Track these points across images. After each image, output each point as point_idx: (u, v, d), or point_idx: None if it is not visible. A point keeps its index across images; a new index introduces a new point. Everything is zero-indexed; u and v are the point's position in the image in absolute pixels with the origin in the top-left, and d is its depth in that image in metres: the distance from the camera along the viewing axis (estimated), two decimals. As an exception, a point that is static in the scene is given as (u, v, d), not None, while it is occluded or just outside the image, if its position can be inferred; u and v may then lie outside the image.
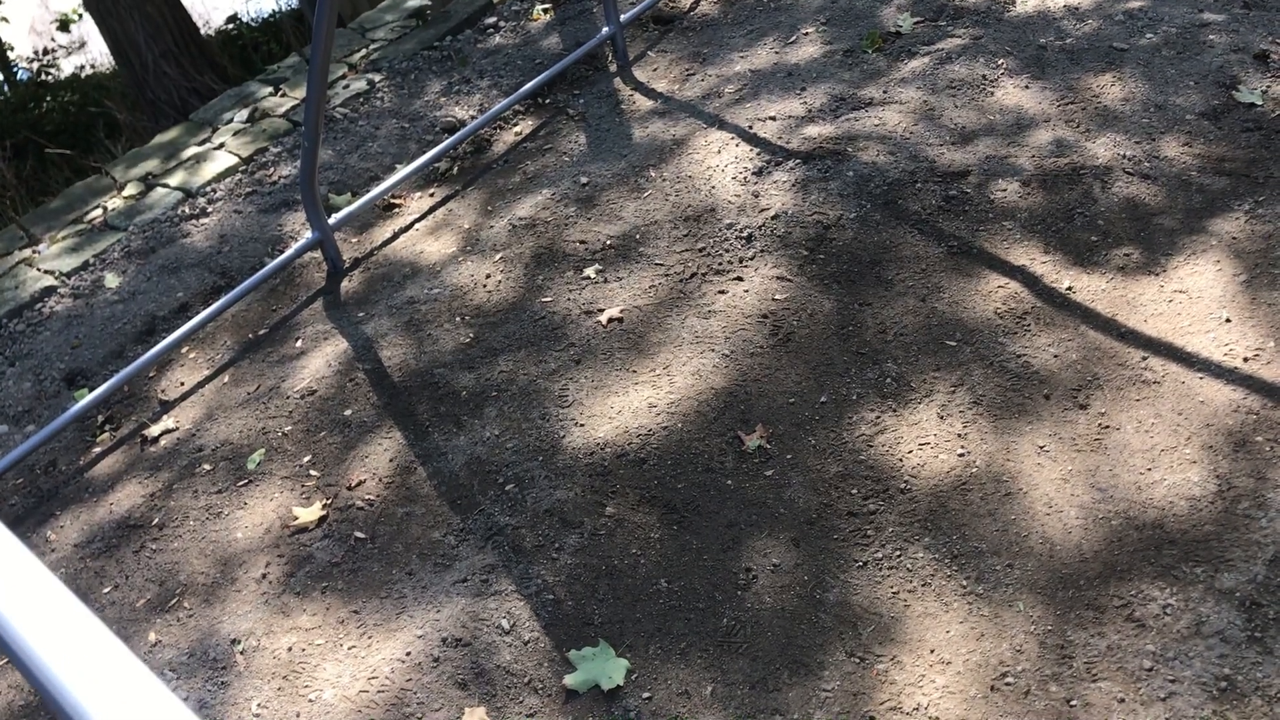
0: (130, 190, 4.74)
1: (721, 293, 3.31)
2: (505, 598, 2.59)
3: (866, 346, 3.02)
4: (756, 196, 3.62)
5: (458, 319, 3.48)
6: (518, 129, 4.45)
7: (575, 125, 4.35)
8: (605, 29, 4.58)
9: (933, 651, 2.30)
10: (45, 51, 12.02)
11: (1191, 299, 2.91)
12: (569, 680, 2.38)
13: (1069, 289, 3.04)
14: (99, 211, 4.66)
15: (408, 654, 2.51)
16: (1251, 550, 2.31)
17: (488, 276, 3.62)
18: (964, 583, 2.40)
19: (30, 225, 4.69)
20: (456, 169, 4.29)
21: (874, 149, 3.68)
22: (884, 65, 4.16)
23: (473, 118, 4.63)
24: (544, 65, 4.87)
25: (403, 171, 4.09)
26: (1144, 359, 2.79)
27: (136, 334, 3.86)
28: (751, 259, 3.39)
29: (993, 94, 3.85)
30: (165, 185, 4.69)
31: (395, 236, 3.98)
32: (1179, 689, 2.12)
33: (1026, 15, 4.24)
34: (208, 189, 4.59)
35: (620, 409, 3.02)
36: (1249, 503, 2.40)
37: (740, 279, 3.33)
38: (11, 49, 13.02)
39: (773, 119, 3.99)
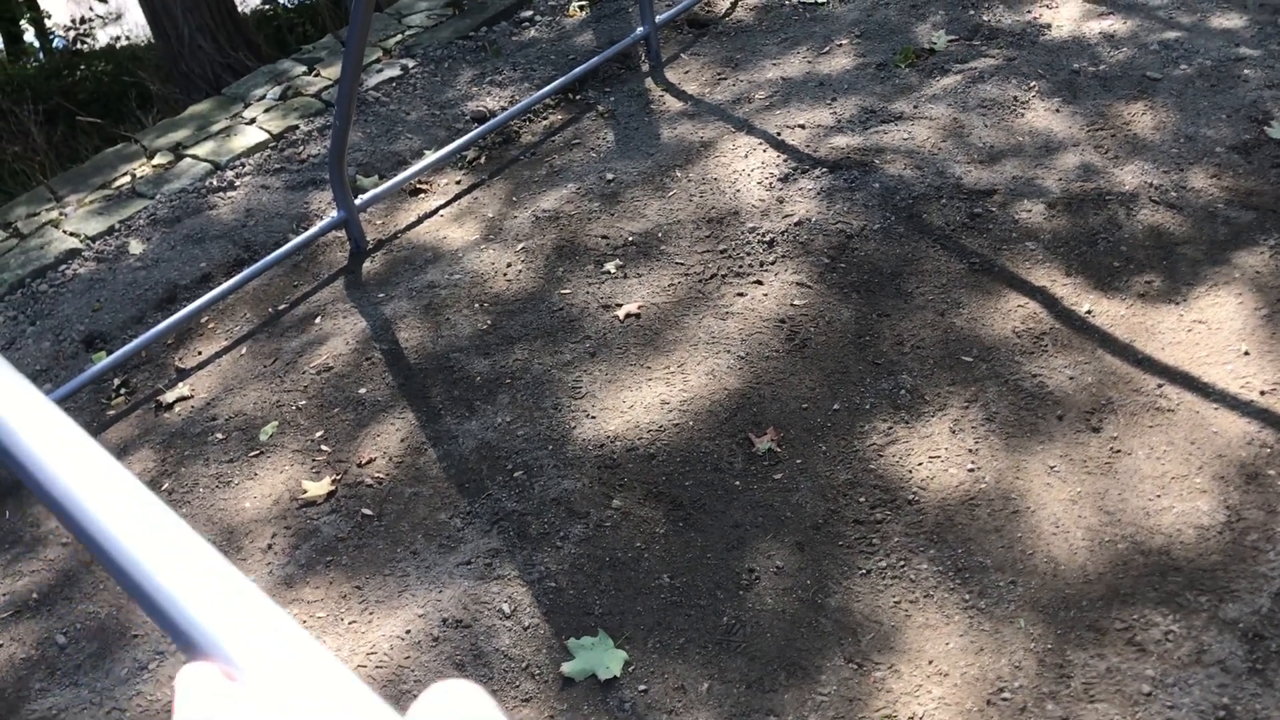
0: (159, 159, 4.77)
1: (740, 295, 3.31)
2: (508, 582, 2.60)
3: (882, 357, 3.03)
4: (781, 202, 3.63)
5: (476, 305, 3.49)
6: (547, 122, 4.47)
7: (604, 122, 4.36)
8: (640, 29, 4.60)
9: (931, 663, 2.30)
10: (82, 20, 12.10)
11: (1211, 330, 2.91)
12: (566, 668, 2.39)
13: (1088, 312, 3.04)
14: (127, 178, 4.70)
15: (407, 632, 2.53)
16: (1258, 582, 2.31)
17: (509, 265, 3.64)
18: (966, 597, 2.41)
19: (58, 188, 4.73)
20: (484, 158, 4.31)
21: (901, 162, 3.69)
22: (915, 81, 4.17)
23: (503, 108, 4.64)
24: (576, 61, 4.89)
25: (431, 157, 4.11)
26: (1159, 386, 2.79)
27: (158, 301, 3.88)
28: (772, 264, 3.39)
29: (1023, 115, 3.85)
30: (194, 156, 4.72)
31: (419, 221, 4.00)
32: (1177, 715, 2.12)
33: (1061, 40, 4.24)
34: (236, 163, 4.61)
35: (633, 404, 3.03)
36: (1257, 535, 2.39)
37: (760, 283, 3.34)
38: (49, 16, 13.11)
39: (802, 127, 4.00)
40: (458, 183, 4.19)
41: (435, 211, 4.04)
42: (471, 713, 0.33)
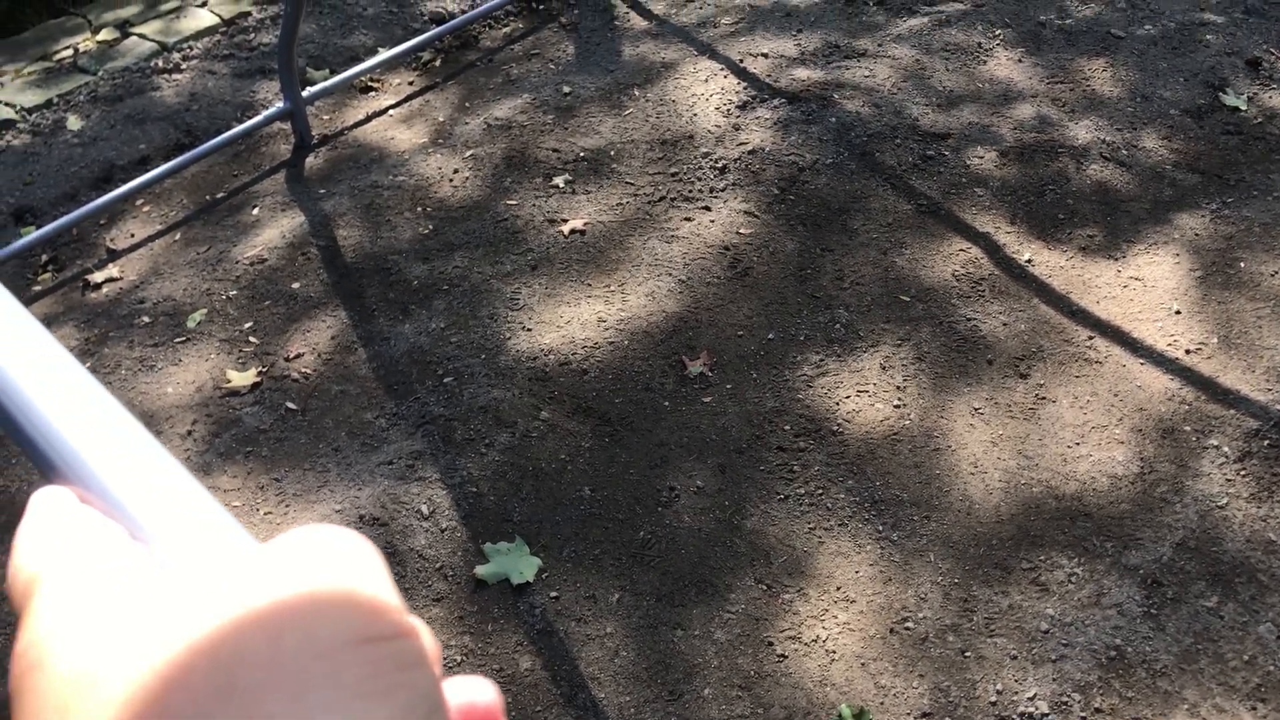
0: (104, 35, 4.61)
1: (687, 219, 3.29)
2: (428, 484, 2.59)
3: (822, 291, 3.03)
4: (737, 129, 3.59)
5: (419, 209, 3.44)
6: (507, 29, 4.37)
7: (565, 34, 4.28)
8: (610, -58, 4.49)
9: (839, 589, 2.33)
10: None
11: (1146, 287, 2.94)
12: (480, 571, 2.39)
13: (1028, 261, 3.05)
14: (69, 52, 4.54)
15: (323, 526, 2.51)
16: (1162, 532, 2.36)
17: (455, 171, 3.57)
18: (880, 528, 2.44)
19: (-4, 57, 4.56)
20: (439, 61, 4.22)
21: (860, 99, 3.66)
22: (882, 20, 4.12)
23: (463, 11, 4.53)
24: (543, -29, 4.77)
25: (384, 55, 4.01)
26: (1090, 338, 2.82)
27: (93, 179, 3.77)
28: (722, 190, 3.37)
29: (985, 63, 3.83)
30: (141, 35, 4.57)
31: (368, 119, 3.91)
32: (1070, 653, 2.17)
33: (1031, -10, 4.21)
34: (184, 45, 4.47)
35: (569, 319, 3.01)
36: (1167, 487, 2.44)
37: (708, 209, 3.31)
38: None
39: (764, 56, 3.95)
40: (410, 84, 4.10)
41: (385, 111, 3.95)
42: (337, 547, 0.31)
